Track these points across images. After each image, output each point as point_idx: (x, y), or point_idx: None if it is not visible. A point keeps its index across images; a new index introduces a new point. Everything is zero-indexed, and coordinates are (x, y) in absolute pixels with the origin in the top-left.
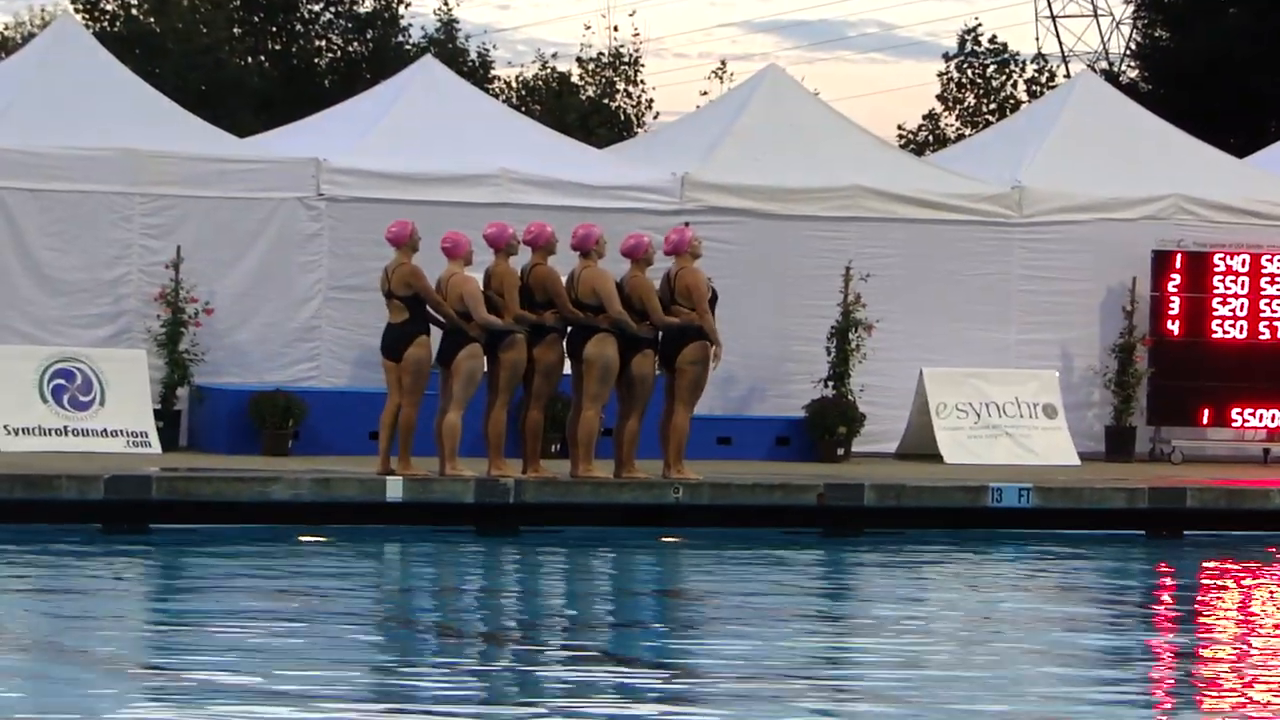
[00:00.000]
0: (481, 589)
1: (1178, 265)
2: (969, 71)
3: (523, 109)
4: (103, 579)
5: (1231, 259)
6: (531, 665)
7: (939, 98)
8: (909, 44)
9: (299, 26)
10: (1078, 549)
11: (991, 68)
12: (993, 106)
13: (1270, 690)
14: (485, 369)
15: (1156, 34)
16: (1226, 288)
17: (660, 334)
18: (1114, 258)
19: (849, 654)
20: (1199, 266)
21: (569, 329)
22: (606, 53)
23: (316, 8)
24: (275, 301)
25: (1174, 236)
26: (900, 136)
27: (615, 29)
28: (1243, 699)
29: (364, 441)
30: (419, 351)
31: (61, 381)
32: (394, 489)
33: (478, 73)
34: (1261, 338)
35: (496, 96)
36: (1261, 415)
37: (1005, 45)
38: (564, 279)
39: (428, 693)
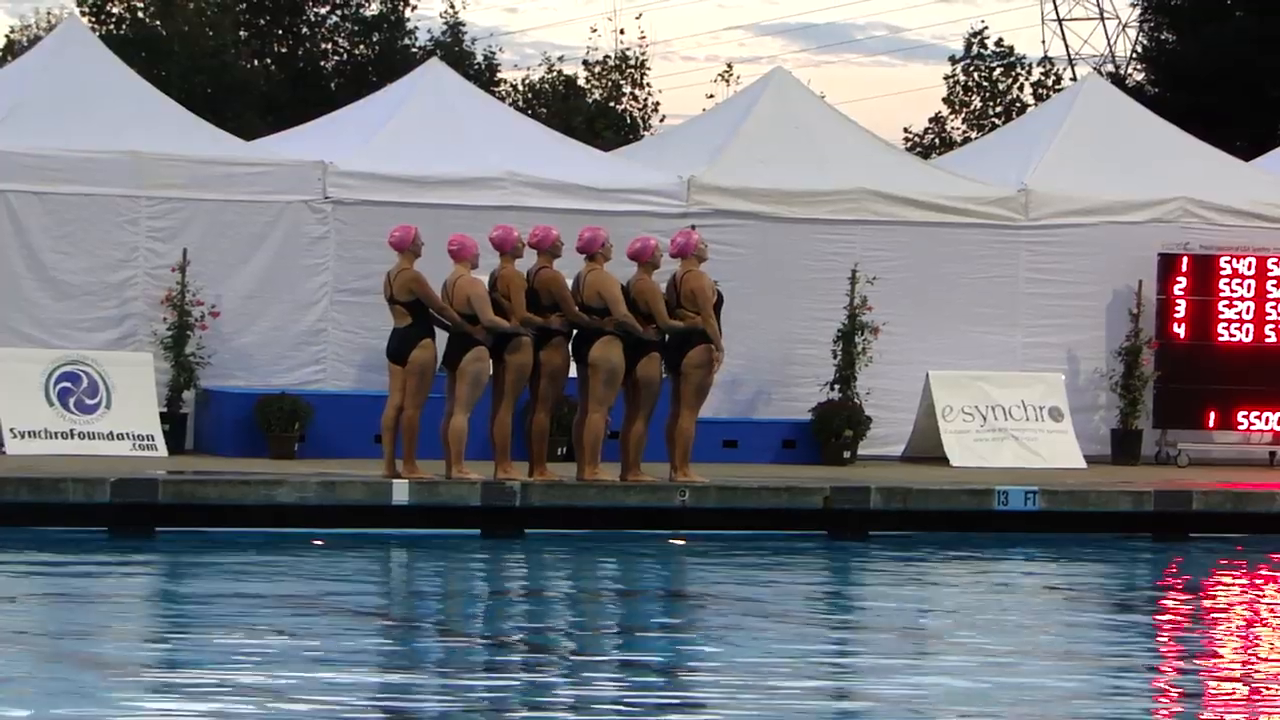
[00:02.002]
0: (487, 592)
1: (1184, 268)
2: (975, 75)
3: (529, 112)
4: (108, 582)
5: (1237, 262)
6: (536, 669)
7: (945, 101)
8: (916, 47)
9: (305, 29)
10: (1084, 552)
11: (998, 71)
12: (999, 109)
13: (1277, 694)
14: (491, 372)
15: (1163, 37)
16: (1232, 290)
17: (666, 337)
18: (1120, 261)
19: (854, 657)
20: (1205, 269)
21: (574, 332)
22: (613, 56)
23: (323, 11)
24: (281, 304)
25: (1180, 239)
26: (906, 139)
27: (622, 32)
28: (1249, 703)
29: (370, 444)
30: (423, 354)
31: (67, 384)
32: (400, 492)
33: (484, 76)
34: (1267, 341)
35: (503, 99)
36: (1267, 418)
37: (1012, 48)
38: (569, 282)
39: (432, 696)
